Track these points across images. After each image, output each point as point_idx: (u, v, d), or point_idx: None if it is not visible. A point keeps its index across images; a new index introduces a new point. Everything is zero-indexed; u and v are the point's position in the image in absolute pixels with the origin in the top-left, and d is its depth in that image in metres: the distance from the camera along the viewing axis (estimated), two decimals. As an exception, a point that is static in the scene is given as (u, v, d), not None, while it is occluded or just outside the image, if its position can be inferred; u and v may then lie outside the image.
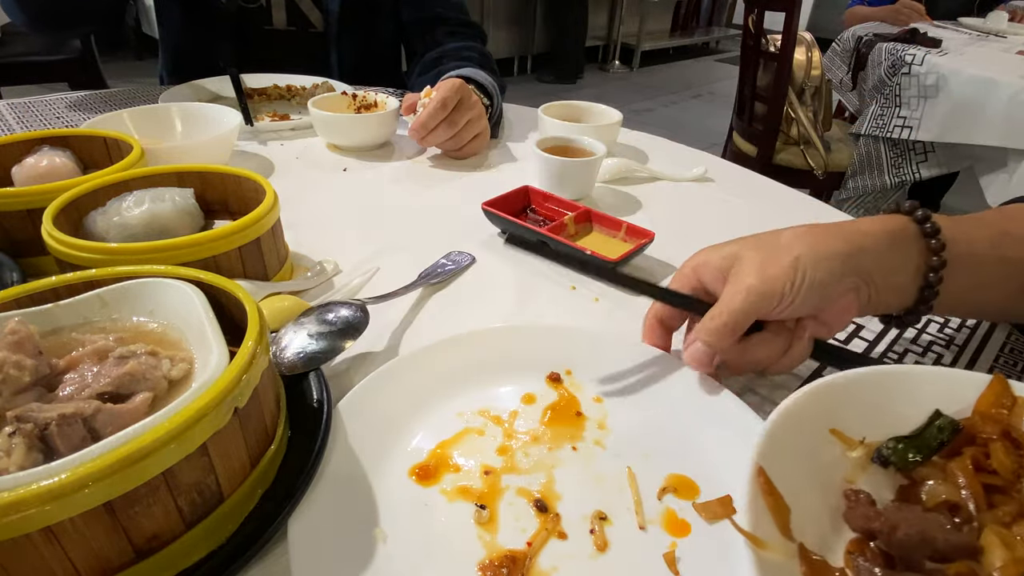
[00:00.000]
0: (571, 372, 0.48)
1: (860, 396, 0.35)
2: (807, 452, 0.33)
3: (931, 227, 0.42)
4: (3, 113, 0.99)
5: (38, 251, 0.50)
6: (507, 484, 0.38)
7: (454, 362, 0.46)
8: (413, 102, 0.88)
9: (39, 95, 1.07)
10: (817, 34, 2.08)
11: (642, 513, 0.37)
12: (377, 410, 0.42)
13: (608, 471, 0.40)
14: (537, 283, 0.62)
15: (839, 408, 0.35)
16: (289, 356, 0.43)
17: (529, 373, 0.47)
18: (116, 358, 0.34)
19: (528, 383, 0.46)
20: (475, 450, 0.41)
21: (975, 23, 2.28)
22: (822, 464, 0.33)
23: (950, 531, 0.28)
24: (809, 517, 0.30)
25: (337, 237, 0.68)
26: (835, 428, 0.34)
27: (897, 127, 1.76)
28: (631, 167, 0.87)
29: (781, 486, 0.29)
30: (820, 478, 0.32)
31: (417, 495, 0.38)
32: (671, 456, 0.41)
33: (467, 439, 0.42)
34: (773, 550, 0.27)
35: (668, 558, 0.34)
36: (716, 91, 4.74)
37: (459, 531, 0.35)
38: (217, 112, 0.86)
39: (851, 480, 0.33)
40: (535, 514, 0.37)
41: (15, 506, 0.24)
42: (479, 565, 0.34)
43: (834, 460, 0.34)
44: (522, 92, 4.34)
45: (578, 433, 0.43)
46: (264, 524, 0.33)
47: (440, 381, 0.45)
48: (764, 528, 0.28)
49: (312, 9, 1.17)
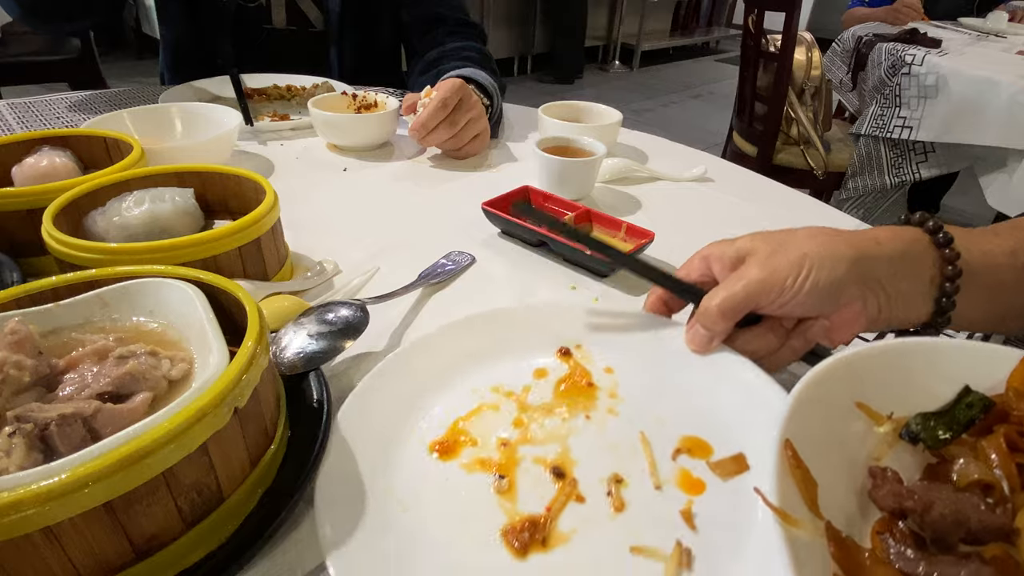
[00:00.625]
0: (580, 346, 0.49)
1: (887, 369, 0.34)
2: (832, 426, 0.32)
3: (944, 237, 0.41)
4: (3, 113, 0.99)
5: (38, 251, 0.50)
6: (523, 454, 0.40)
7: (466, 343, 0.47)
8: (413, 102, 0.88)
9: (39, 95, 1.07)
10: (817, 34, 2.08)
11: (657, 474, 0.38)
12: (393, 391, 0.42)
13: (622, 437, 0.41)
14: (537, 283, 0.62)
15: (865, 381, 0.34)
16: (289, 356, 0.43)
17: (539, 349, 0.48)
18: (116, 358, 0.34)
19: (539, 358, 0.48)
20: (491, 424, 0.42)
21: (975, 23, 2.28)
22: (847, 439, 0.32)
23: (984, 512, 0.27)
24: (834, 495, 0.29)
25: (337, 237, 0.68)
26: (861, 402, 0.33)
27: (897, 127, 1.76)
28: (631, 167, 0.87)
29: (807, 461, 0.29)
30: (845, 454, 0.31)
31: (437, 469, 0.39)
32: (683, 419, 0.42)
33: (483, 414, 0.43)
34: (802, 527, 0.27)
35: (685, 514, 0.35)
36: (716, 91, 4.74)
37: (480, 500, 0.37)
38: (217, 112, 0.86)
39: (877, 457, 0.32)
40: (552, 480, 0.38)
41: (15, 506, 0.24)
42: (501, 531, 0.35)
43: (860, 436, 0.33)
44: (522, 92, 4.34)
45: (591, 403, 0.44)
46: (264, 524, 0.33)
47: (453, 361, 0.46)
48: (792, 504, 0.27)
49: (312, 8, 1.17)
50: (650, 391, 0.44)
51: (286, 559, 0.34)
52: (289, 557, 0.34)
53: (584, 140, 0.82)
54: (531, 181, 0.77)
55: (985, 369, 0.33)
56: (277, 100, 1.10)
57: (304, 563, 0.34)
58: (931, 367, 0.34)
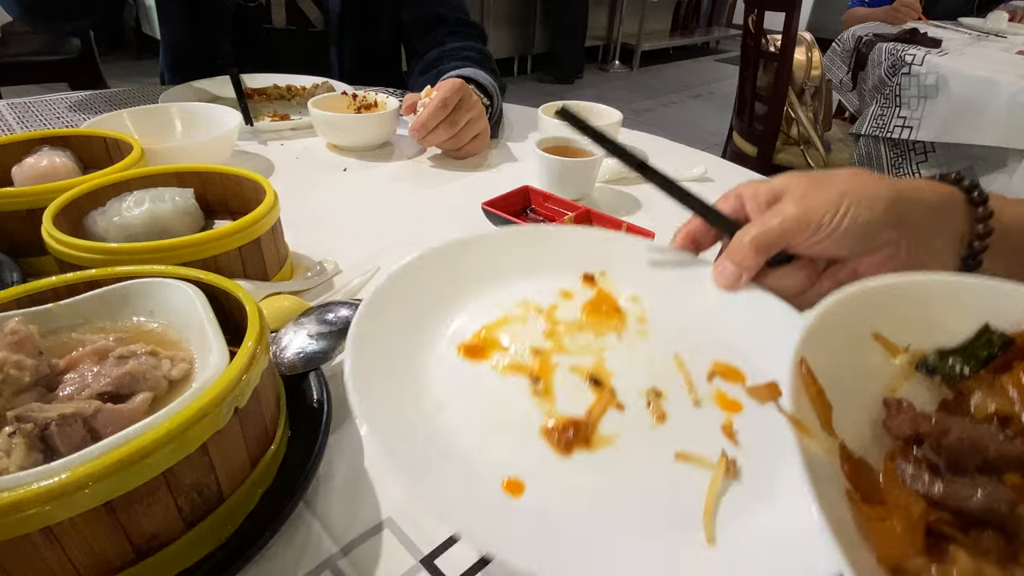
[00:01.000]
0: (605, 273, 0.47)
1: (907, 303, 0.33)
2: (848, 356, 0.31)
3: (979, 195, 0.40)
4: (3, 113, 0.99)
5: (38, 251, 0.50)
6: (557, 362, 0.38)
7: (483, 259, 0.45)
8: (413, 102, 0.88)
9: (39, 95, 1.07)
10: (817, 34, 2.08)
11: (695, 391, 0.37)
12: (412, 296, 0.40)
13: (655, 356, 0.40)
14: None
15: (883, 313, 0.33)
16: (289, 356, 0.43)
17: (562, 273, 0.46)
18: (116, 358, 0.34)
19: (562, 282, 0.46)
20: (520, 333, 0.41)
21: (975, 23, 2.28)
22: (862, 370, 0.31)
23: (1003, 442, 0.26)
24: (848, 422, 0.29)
25: (337, 237, 0.68)
26: (879, 333, 0.32)
27: (897, 127, 1.76)
28: (631, 167, 0.86)
29: (822, 383, 0.29)
30: (860, 384, 0.31)
31: (468, 369, 0.37)
32: (714, 348, 0.41)
33: (511, 324, 0.41)
34: (816, 440, 0.26)
35: (726, 429, 0.35)
36: (716, 91, 4.74)
37: (516, 401, 0.35)
38: (217, 112, 0.86)
39: (893, 389, 0.31)
40: (590, 388, 0.37)
41: (15, 506, 0.24)
42: (542, 430, 0.34)
43: (875, 367, 0.32)
44: (522, 92, 4.33)
45: (620, 325, 0.42)
46: (264, 524, 0.33)
47: (471, 276, 0.44)
48: (807, 419, 0.27)
49: (312, 8, 1.17)
50: (679, 320, 0.43)
51: (286, 559, 0.34)
52: (289, 557, 0.34)
53: (584, 140, 0.82)
54: (531, 181, 0.77)
55: (1006, 307, 0.32)
56: (277, 100, 1.10)
57: (304, 563, 0.34)
58: (951, 303, 0.33)
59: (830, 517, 0.22)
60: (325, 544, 0.35)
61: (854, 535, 0.24)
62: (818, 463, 0.25)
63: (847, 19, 2.46)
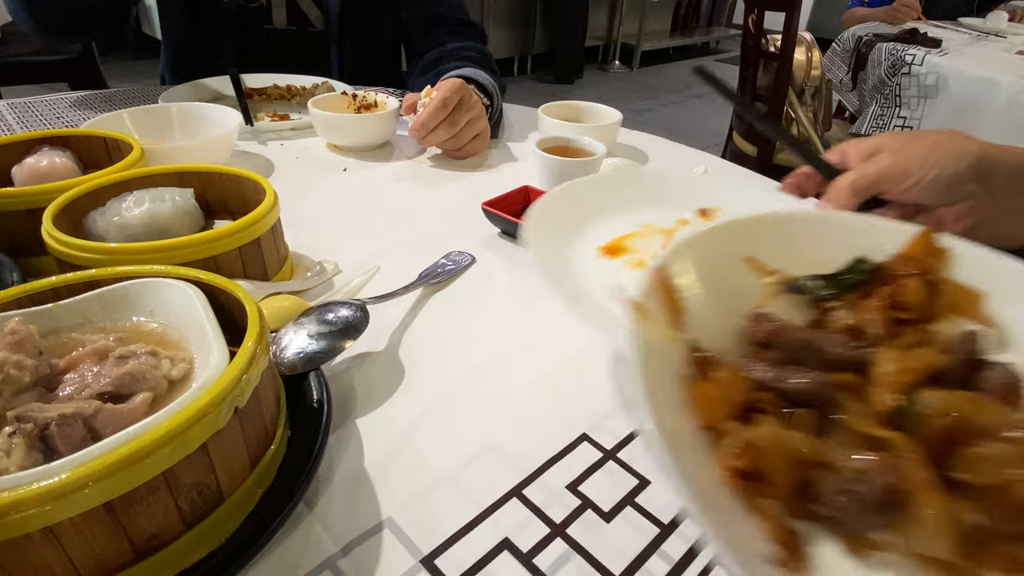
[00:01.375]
0: (718, 209, 0.57)
1: (785, 233, 0.36)
2: (722, 274, 0.33)
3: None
4: (3, 113, 0.99)
5: (38, 251, 0.50)
6: None
7: (618, 193, 0.58)
8: (414, 102, 0.88)
9: (39, 95, 1.07)
10: (817, 34, 2.08)
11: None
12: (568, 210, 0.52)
13: None
14: (537, 283, 0.62)
15: (761, 242, 0.35)
16: (289, 356, 0.43)
17: (682, 208, 0.57)
18: (116, 358, 0.34)
19: (682, 213, 0.56)
20: (650, 243, 0.53)
21: (975, 23, 2.28)
22: (737, 289, 0.33)
23: (840, 344, 0.28)
24: (718, 331, 0.31)
25: (337, 237, 0.68)
26: (752, 257, 0.34)
27: (897, 127, 1.76)
28: (631, 167, 0.86)
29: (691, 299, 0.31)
30: (733, 300, 0.33)
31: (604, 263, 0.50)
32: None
33: (637, 237, 0.53)
34: (655, 327, 0.28)
35: None
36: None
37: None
38: (217, 112, 0.86)
39: (760, 306, 0.33)
40: None
41: (15, 506, 0.24)
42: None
43: (746, 288, 0.34)
44: (522, 92, 4.33)
45: None
46: (264, 524, 0.33)
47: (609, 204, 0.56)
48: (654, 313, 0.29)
49: (312, 8, 1.17)
50: None
51: (286, 559, 0.34)
52: (289, 557, 0.34)
53: (584, 140, 0.82)
54: (531, 181, 0.77)
55: (883, 243, 0.34)
56: (277, 100, 1.10)
57: (304, 563, 0.34)
58: (830, 237, 0.35)
59: (647, 386, 0.24)
60: (325, 544, 0.35)
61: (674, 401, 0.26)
62: (650, 343, 0.27)
63: (847, 19, 2.46)
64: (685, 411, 0.26)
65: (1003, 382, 0.26)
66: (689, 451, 0.23)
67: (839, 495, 0.23)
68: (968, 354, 0.27)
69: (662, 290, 0.30)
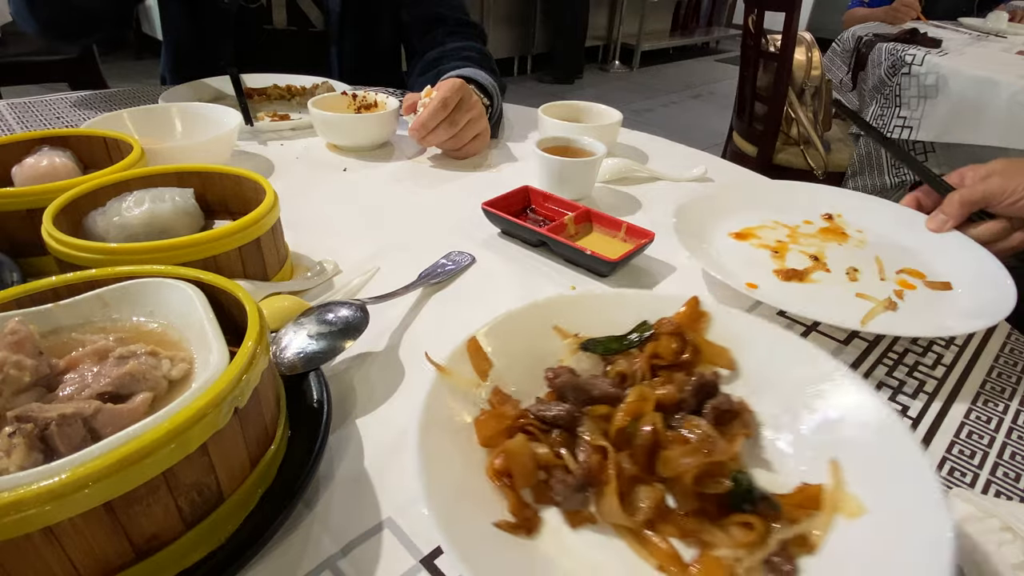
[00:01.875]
0: (841, 215, 0.72)
1: (587, 308, 0.44)
2: (533, 338, 0.42)
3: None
4: (3, 113, 0.99)
5: (38, 251, 0.50)
6: (791, 247, 0.66)
7: (749, 196, 0.75)
8: (414, 102, 0.88)
9: (39, 95, 1.07)
10: (817, 34, 2.08)
11: (883, 273, 0.62)
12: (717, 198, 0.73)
13: (863, 255, 0.65)
14: (537, 283, 0.62)
15: (566, 314, 0.43)
16: (289, 356, 0.43)
17: (808, 211, 0.72)
18: (116, 358, 0.34)
19: (807, 215, 0.72)
20: (770, 233, 0.68)
21: (975, 23, 2.28)
22: (541, 351, 0.41)
23: (605, 385, 0.37)
24: (528, 382, 0.40)
25: (337, 237, 0.68)
26: (558, 325, 0.43)
27: (897, 127, 1.76)
28: (631, 167, 0.87)
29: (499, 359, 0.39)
30: (541, 358, 0.41)
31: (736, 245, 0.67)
32: (909, 260, 0.64)
33: (764, 228, 0.69)
34: (456, 378, 0.37)
35: (897, 293, 0.59)
36: (716, 91, 4.74)
37: (762, 257, 0.64)
38: (217, 112, 0.86)
39: (562, 360, 0.41)
40: (809, 260, 0.64)
41: (15, 506, 0.24)
42: (773, 271, 0.61)
43: (553, 349, 0.42)
44: (522, 92, 4.33)
45: (843, 240, 0.68)
46: (264, 524, 0.33)
47: (742, 205, 0.72)
48: (459, 369, 0.38)
49: (312, 8, 1.17)
50: (889, 244, 0.66)
51: (286, 559, 0.34)
52: (289, 557, 0.34)
53: (584, 140, 0.82)
54: (531, 181, 0.77)
55: (664, 309, 0.43)
56: (277, 100, 1.10)
57: (304, 563, 0.34)
58: (626, 307, 0.44)
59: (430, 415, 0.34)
60: (325, 544, 0.35)
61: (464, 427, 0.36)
62: (449, 387, 0.37)
63: (847, 19, 2.46)
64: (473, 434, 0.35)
65: (722, 409, 0.36)
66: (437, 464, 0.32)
67: (558, 483, 0.33)
68: (698, 388, 0.37)
69: (474, 351, 0.39)
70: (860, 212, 0.70)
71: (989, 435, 0.46)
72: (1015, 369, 0.53)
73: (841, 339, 0.56)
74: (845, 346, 0.55)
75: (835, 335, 0.56)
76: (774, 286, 0.59)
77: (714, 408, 0.35)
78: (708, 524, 0.31)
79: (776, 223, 0.69)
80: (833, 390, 0.36)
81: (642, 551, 0.30)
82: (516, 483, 0.33)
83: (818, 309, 0.52)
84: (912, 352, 0.55)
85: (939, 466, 0.43)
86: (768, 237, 0.67)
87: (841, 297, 0.58)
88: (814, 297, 0.58)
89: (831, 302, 0.57)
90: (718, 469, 0.32)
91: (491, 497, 0.32)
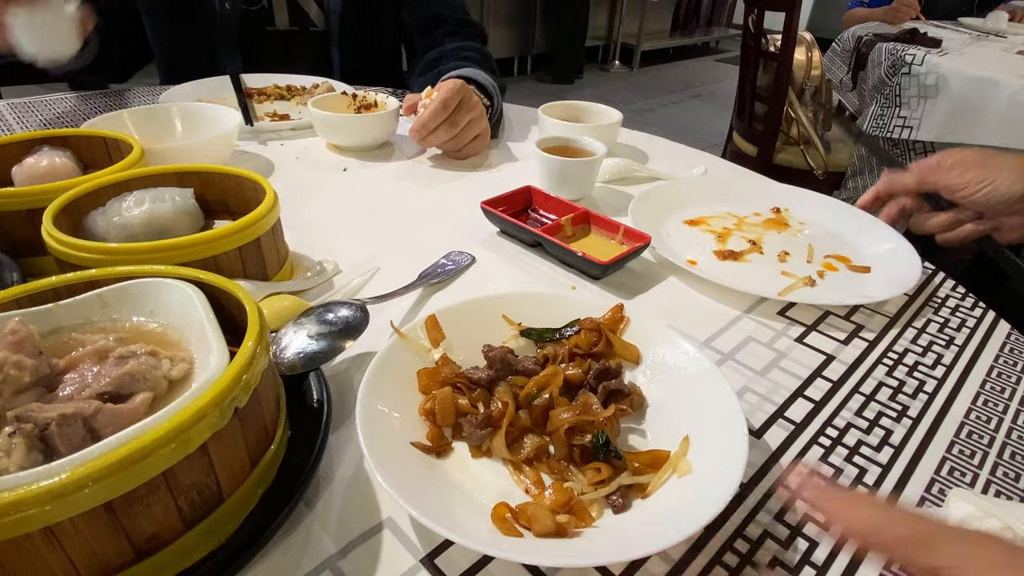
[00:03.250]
0: (788, 209, 0.79)
1: (533, 304, 0.51)
2: (480, 322, 0.49)
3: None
4: (3, 113, 0.99)
5: (38, 251, 0.50)
6: (735, 233, 0.73)
7: (707, 191, 0.81)
8: (414, 103, 0.88)
9: (39, 95, 1.07)
10: (817, 34, 2.08)
11: (812, 257, 0.69)
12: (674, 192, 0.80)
13: (796, 242, 0.72)
14: (537, 283, 0.62)
15: (516, 308, 0.50)
16: (289, 356, 0.43)
17: (759, 205, 0.79)
18: (116, 358, 0.34)
19: (756, 208, 0.79)
20: (719, 222, 0.75)
21: (975, 23, 2.28)
22: (489, 333, 0.48)
23: (527, 363, 0.45)
24: (467, 352, 0.47)
25: (337, 237, 0.68)
26: (505, 315, 0.50)
27: (897, 127, 1.76)
28: (631, 167, 0.87)
29: (451, 333, 0.47)
30: (486, 336, 0.48)
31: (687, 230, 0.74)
32: (839, 247, 0.71)
33: (715, 218, 0.76)
34: (411, 343, 0.45)
35: (819, 273, 0.66)
36: (716, 91, 4.74)
37: (706, 240, 0.72)
38: (217, 112, 0.86)
39: (505, 342, 0.49)
40: (748, 244, 0.71)
41: (15, 506, 0.24)
42: (714, 252, 0.69)
43: (500, 334, 0.49)
44: (522, 92, 4.33)
45: (783, 228, 0.75)
46: (264, 524, 0.33)
47: (700, 198, 0.79)
48: (415, 336, 0.46)
49: (312, 6, 1.17)
50: (824, 233, 0.74)
51: (286, 559, 0.34)
52: (289, 557, 0.34)
53: (584, 140, 0.82)
54: (531, 181, 0.77)
55: (592, 311, 0.50)
56: (277, 100, 1.10)
57: (304, 563, 0.34)
58: (565, 306, 0.51)
59: (384, 362, 0.43)
60: (325, 544, 0.35)
61: (410, 377, 0.44)
62: (404, 348, 0.45)
63: (847, 20, 2.46)
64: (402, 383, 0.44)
65: (611, 389, 0.44)
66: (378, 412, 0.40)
67: (467, 424, 0.42)
68: (599, 373, 0.45)
69: (431, 325, 0.47)
70: (807, 207, 0.78)
71: (989, 435, 0.46)
72: (1015, 369, 0.53)
73: (841, 339, 0.56)
74: (845, 346, 0.55)
75: (835, 335, 0.56)
76: (711, 263, 0.67)
77: (604, 387, 0.44)
78: (572, 468, 0.40)
79: (728, 214, 0.77)
80: (701, 384, 0.44)
81: (516, 476, 0.40)
82: (438, 420, 0.42)
83: (744, 282, 0.60)
84: (912, 352, 0.55)
85: (939, 466, 0.43)
86: (716, 224, 0.74)
87: (768, 274, 0.65)
88: (744, 274, 0.65)
89: (758, 278, 0.64)
90: (588, 427, 0.40)
91: (419, 428, 0.41)
